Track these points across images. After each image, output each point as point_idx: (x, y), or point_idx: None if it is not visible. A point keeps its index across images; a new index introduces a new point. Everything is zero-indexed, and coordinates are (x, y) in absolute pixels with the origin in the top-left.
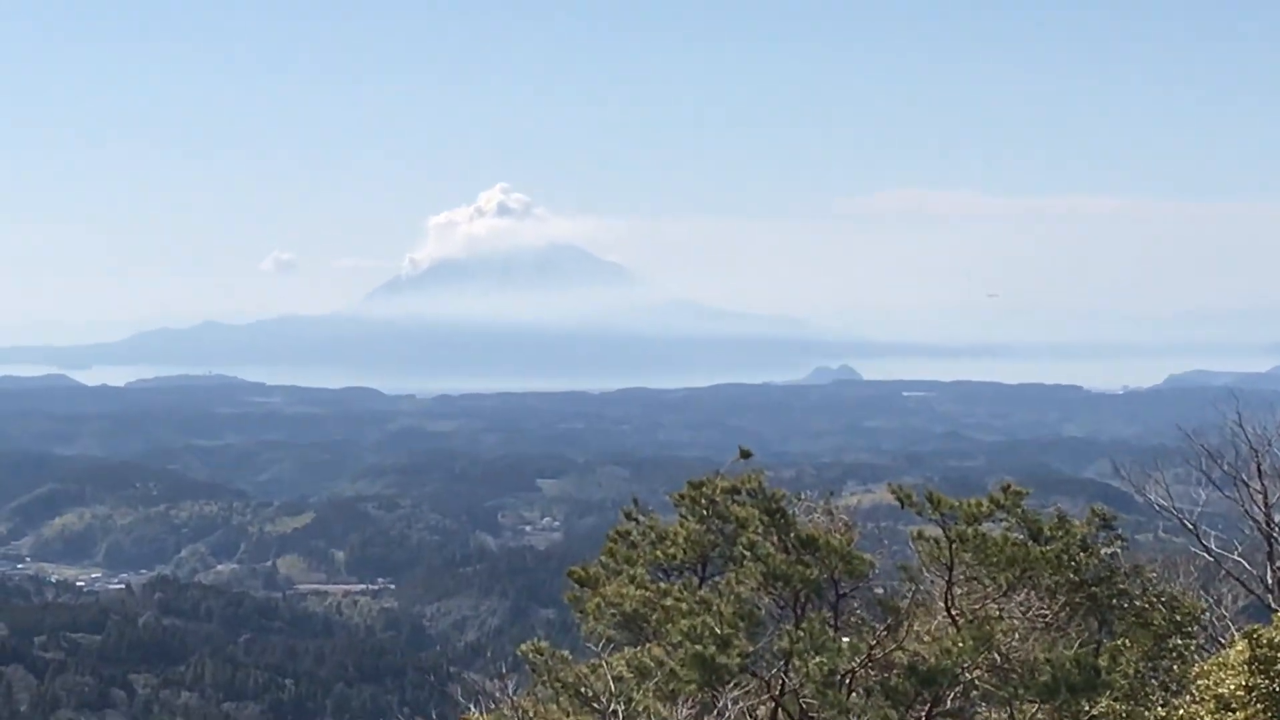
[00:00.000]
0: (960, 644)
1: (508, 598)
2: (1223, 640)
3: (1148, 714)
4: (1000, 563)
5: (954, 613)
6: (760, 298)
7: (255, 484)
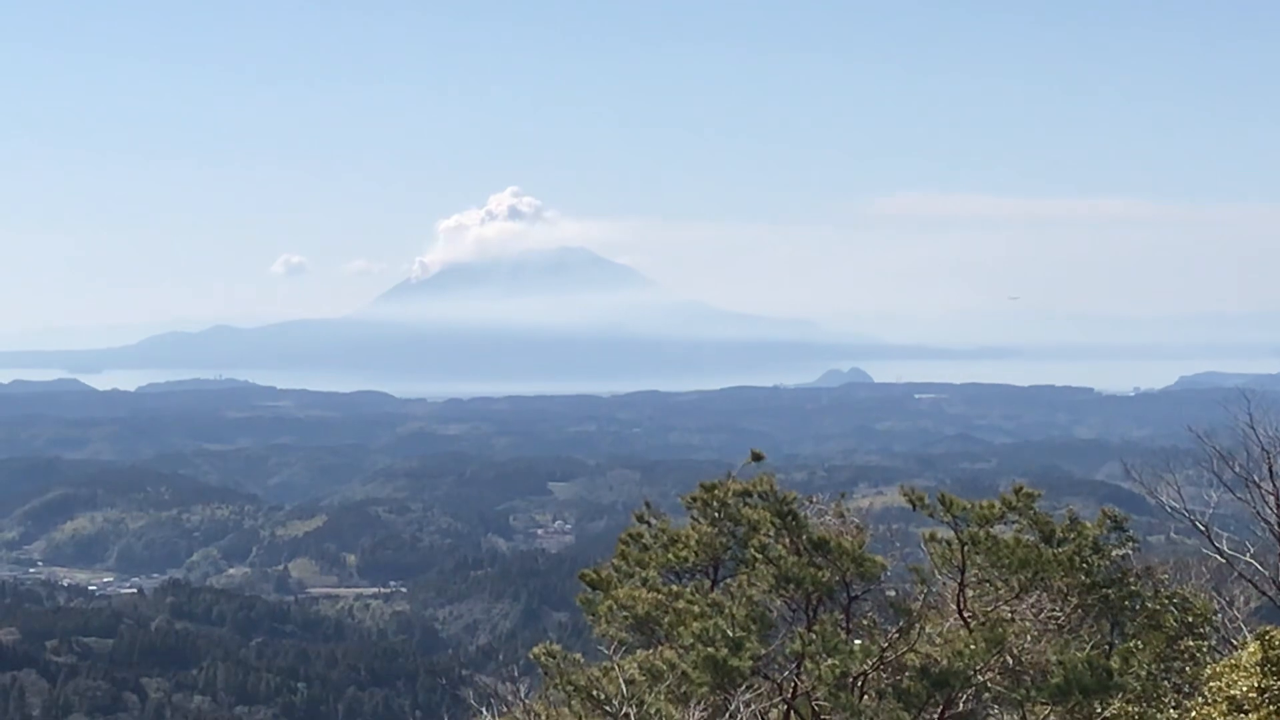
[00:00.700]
0: (972, 646)
1: (519, 601)
2: (1235, 642)
3: (1160, 716)
4: (1012, 565)
5: (966, 615)
6: (771, 300)
7: (266, 488)
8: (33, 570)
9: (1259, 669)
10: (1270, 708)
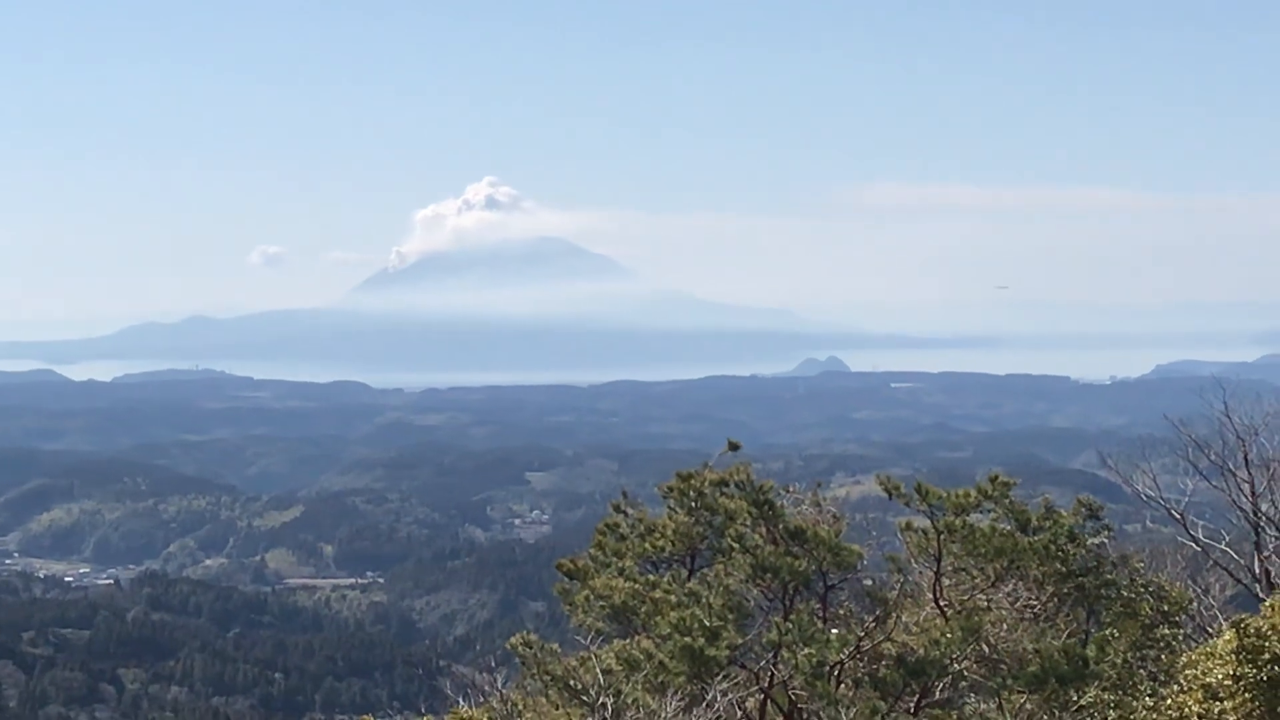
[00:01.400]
0: (949, 635)
1: (497, 591)
2: (1210, 630)
3: (1136, 704)
4: (988, 553)
5: (942, 604)
6: (748, 290)
7: (244, 478)
8: (9, 562)
9: (1234, 657)
10: (1245, 695)
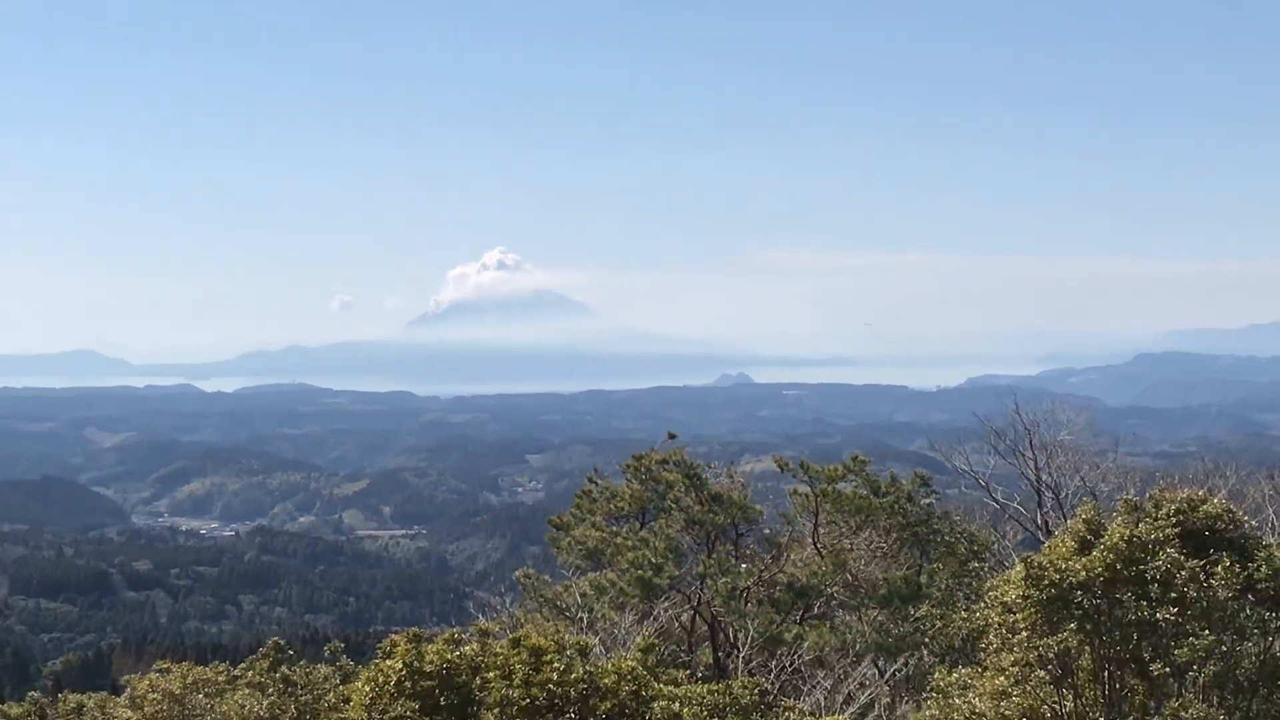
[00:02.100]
0: (823, 568)
1: (505, 539)
2: (1007, 564)
3: (954, 616)
4: (850, 510)
5: (819, 546)
6: (681, 326)
7: (326, 460)
8: (160, 520)
9: (1023, 582)
10: (1030, 609)
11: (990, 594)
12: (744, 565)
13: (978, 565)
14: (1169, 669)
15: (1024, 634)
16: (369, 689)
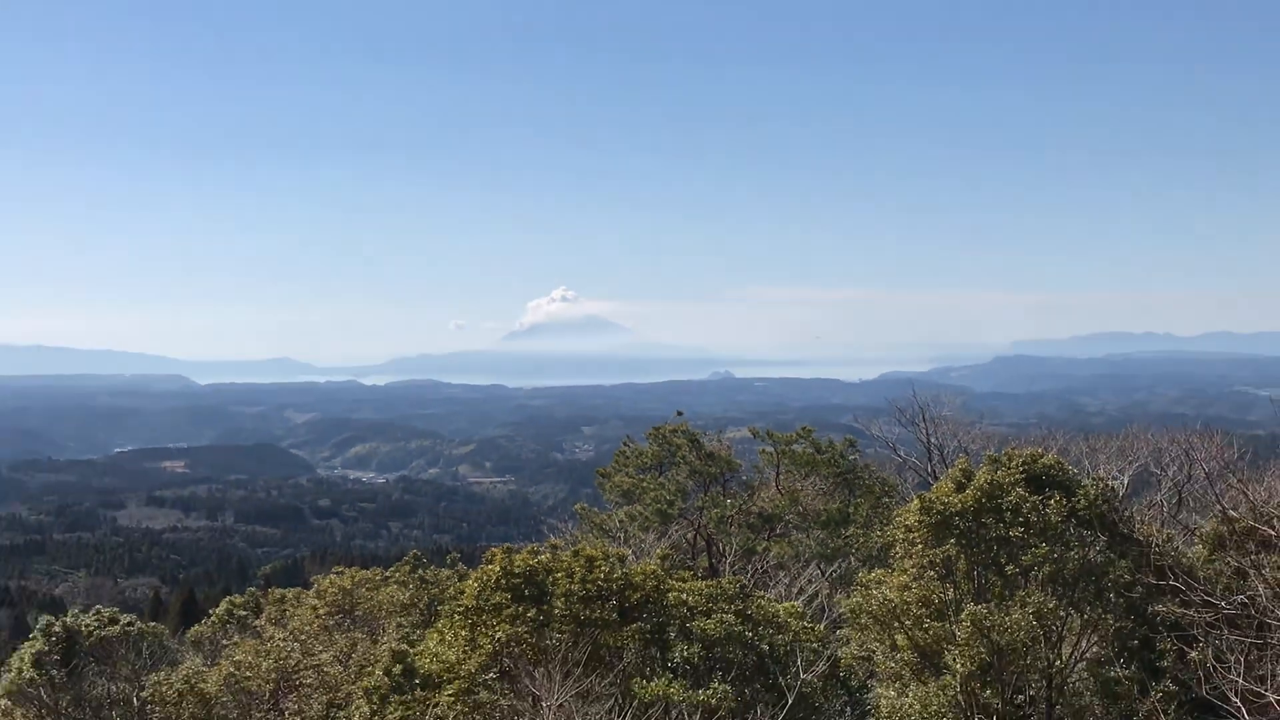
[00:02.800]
0: (783, 503)
1: (568, 484)
2: (907, 499)
3: (873, 534)
4: (801, 464)
5: (780, 488)
6: (686, 338)
7: (447, 429)
8: (335, 471)
9: (918, 511)
10: (923, 530)
11: (896, 519)
12: (728, 500)
13: (888, 500)
14: (1018, 570)
15: (919, 546)
16: (476, 584)
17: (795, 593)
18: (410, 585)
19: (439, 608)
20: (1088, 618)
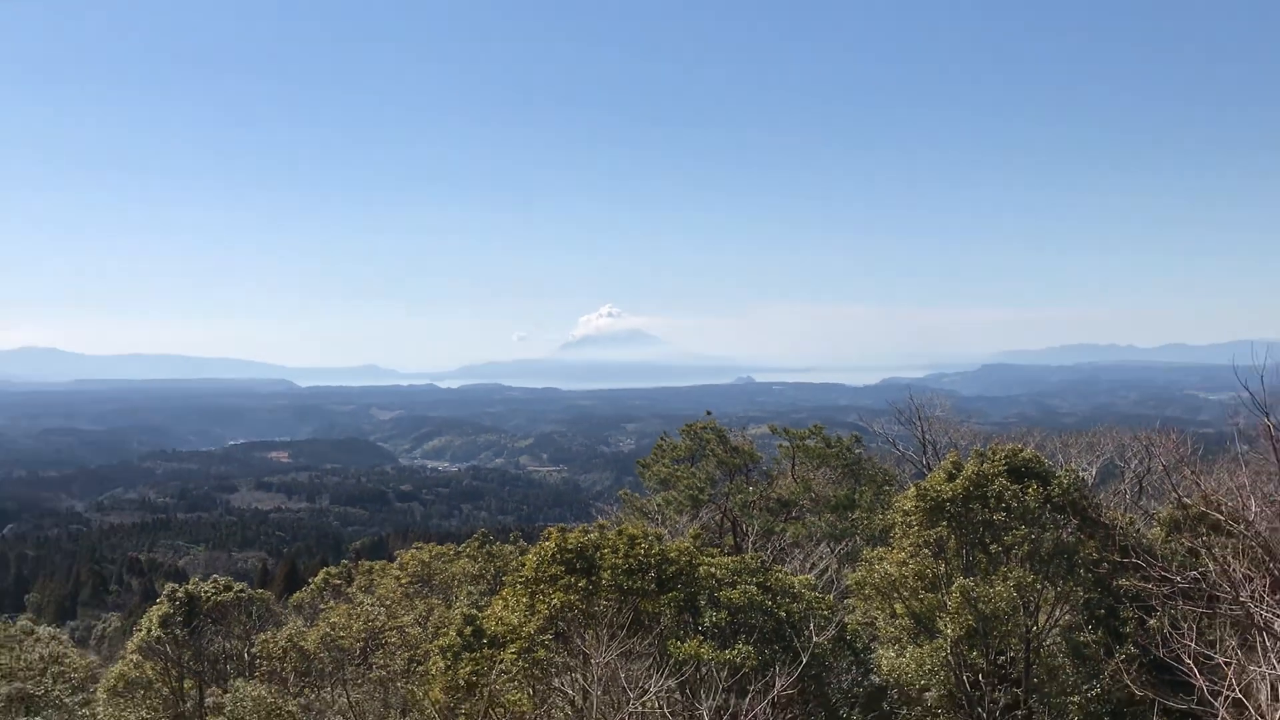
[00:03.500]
0: (797, 490)
1: (613, 472)
2: (905, 487)
3: (875, 518)
4: (813, 456)
5: (795, 478)
6: (715, 349)
7: (508, 425)
8: (415, 461)
9: (914, 498)
10: (919, 514)
11: (896, 505)
12: (750, 488)
13: (888, 488)
14: (1000, 548)
15: (915, 528)
16: (535, 558)
17: (809, 567)
18: (479, 559)
19: (503, 578)
20: (1060, 590)
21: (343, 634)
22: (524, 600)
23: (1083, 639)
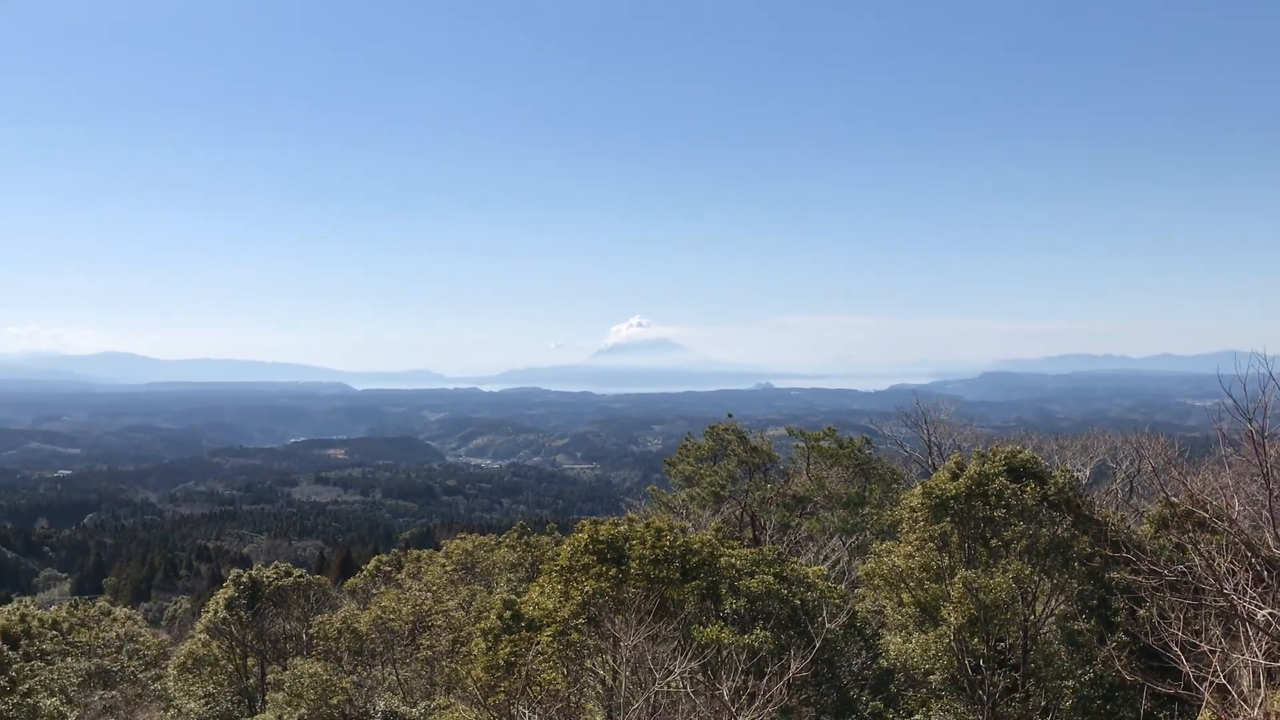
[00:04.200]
0: (812, 487)
1: (641, 470)
2: (911, 486)
3: (884, 513)
4: (827, 456)
5: (810, 476)
6: (736, 356)
7: (546, 427)
8: (460, 458)
9: (921, 495)
10: (924, 510)
11: (903, 502)
12: (768, 485)
13: (896, 486)
14: (1000, 543)
15: (921, 524)
16: (569, 549)
17: (822, 559)
18: (517, 548)
19: (540, 566)
20: (1056, 582)
21: (393, 617)
22: (559, 587)
23: (1077, 627)
